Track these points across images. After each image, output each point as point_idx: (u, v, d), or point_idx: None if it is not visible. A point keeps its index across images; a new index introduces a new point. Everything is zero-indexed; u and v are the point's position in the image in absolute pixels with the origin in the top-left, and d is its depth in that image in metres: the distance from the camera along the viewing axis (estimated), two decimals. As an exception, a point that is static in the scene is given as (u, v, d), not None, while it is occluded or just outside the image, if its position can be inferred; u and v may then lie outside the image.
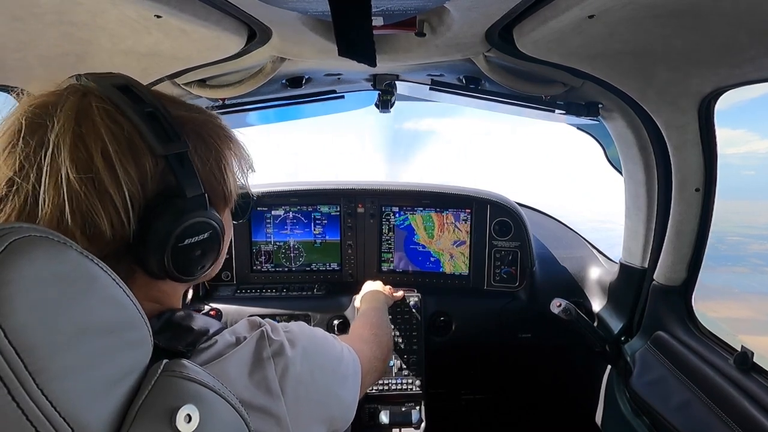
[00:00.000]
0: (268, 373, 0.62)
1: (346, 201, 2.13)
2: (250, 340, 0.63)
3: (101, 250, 0.54)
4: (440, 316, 2.00)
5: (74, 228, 0.52)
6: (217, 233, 0.63)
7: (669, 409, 1.31)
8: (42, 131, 0.52)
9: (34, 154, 0.51)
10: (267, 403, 0.60)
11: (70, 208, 0.51)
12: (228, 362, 0.59)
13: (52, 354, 0.39)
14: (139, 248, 0.56)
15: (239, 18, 0.97)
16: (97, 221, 0.53)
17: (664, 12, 0.84)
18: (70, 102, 0.54)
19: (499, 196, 2.09)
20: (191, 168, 0.59)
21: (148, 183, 0.56)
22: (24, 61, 1.05)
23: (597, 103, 1.46)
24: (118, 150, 0.53)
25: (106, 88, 0.56)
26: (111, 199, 0.53)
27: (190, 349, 0.57)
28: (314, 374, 0.69)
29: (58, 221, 0.51)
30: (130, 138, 0.55)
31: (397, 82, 1.75)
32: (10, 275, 0.38)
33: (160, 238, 0.56)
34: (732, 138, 17.25)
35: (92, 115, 0.54)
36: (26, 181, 0.51)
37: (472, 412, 2.46)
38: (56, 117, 0.52)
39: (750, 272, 8.53)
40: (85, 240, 0.53)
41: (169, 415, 0.45)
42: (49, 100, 0.55)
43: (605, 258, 2.12)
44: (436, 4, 0.87)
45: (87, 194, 0.52)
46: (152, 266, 0.58)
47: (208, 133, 0.64)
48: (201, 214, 0.60)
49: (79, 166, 0.51)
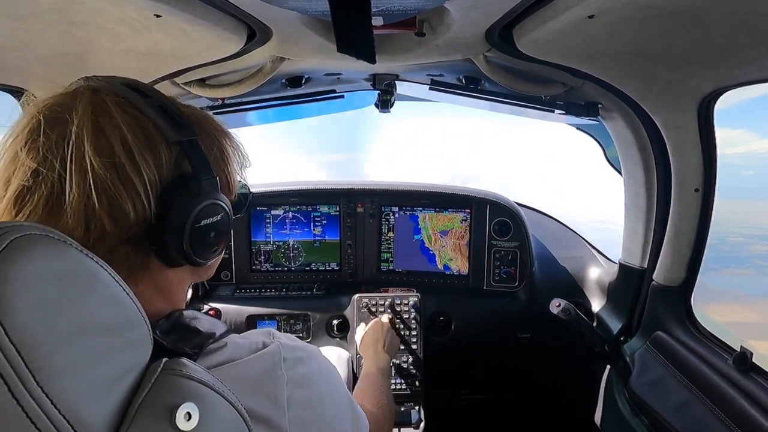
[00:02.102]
0: (278, 387, 0.61)
1: (345, 201, 2.13)
2: (266, 351, 0.64)
3: (126, 232, 0.56)
4: (440, 316, 2.00)
5: (101, 211, 0.54)
6: (228, 216, 0.66)
7: (668, 409, 1.31)
8: (62, 125, 0.55)
9: (56, 146, 0.54)
10: (272, 414, 0.59)
11: (96, 192, 0.53)
12: (240, 368, 0.60)
13: (53, 352, 0.39)
14: (159, 231, 0.58)
15: (239, 18, 0.97)
16: (121, 204, 0.55)
17: (664, 12, 0.84)
18: (86, 98, 0.57)
19: (498, 196, 2.09)
20: (202, 153, 0.62)
21: (164, 169, 0.59)
22: (24, 61, 1.05)
23: (597, 103, 1.46)
24: (135, 139, 0.56)
25: (115, 87, 0.60)
26: (133, 184, 0.56)
27: (197, 351, 0.58)
28: (324, 400, 0.69)
29: (86, 205, 0.53)
30: (145, 128, 0.58)
31: (396, 82, 1.75)
32: (10, 273, 0.38)
33: (180, 219, 0.59)
34: (732, 138, 17.43)
35: (108, 109, 0.57)
36: (51, 170, 0.53)
37: (472, 412, 2.46)
38: (74, 111, 0.55)
39: (754, 274, 8.48)
40: (112, 223, 0.55)
41: (169, 413, 0.45)
42: (63, 99, 0.58)
43: (604, 258, 2.12)
44: (436, 4, 0.87)
45: (111, 179, 0.54)
46: (170, 249, 0.59)
47: (209, 127, 0.68)
48: (214, 196, 0.63)
49: (101, 154, 0.54)
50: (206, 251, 0.65)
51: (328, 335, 1.97)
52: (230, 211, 0.66)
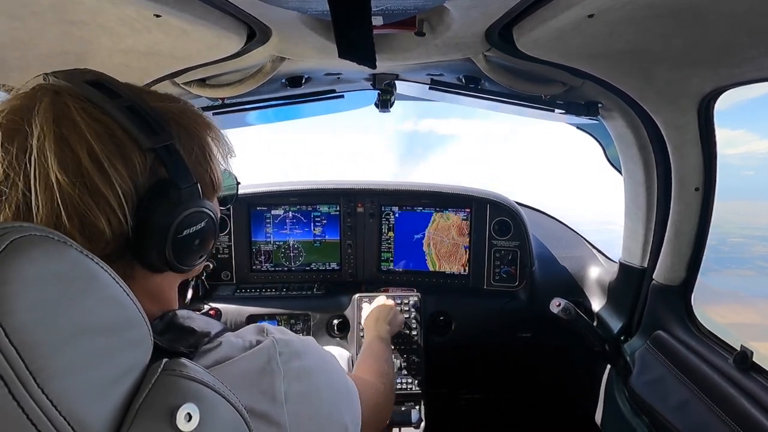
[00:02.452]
0: (275, 382, 0.61)
1: (345, 200, 2.13)
2: (261, 347, 0.63)
3: (102, 249, 0.53)
4: (440, 315, 2.00)
5: (72, 230, 0.51)
6: (213, 222, 0.63)
7: (668, 409, 1.31)
8: (21, 137, 0.50)
9: (17, 162, 0.50)
10: (270, 409, 0.59)
11: (66, 211, 0.50)
12: (235, 366, 0.59)
13: (53, 353, 0.39)
14: (139, 243, 0.56)
15: (239, 17, 0.97)
16: (94, 221, 0.52)
17: (663, 11, 0.84)
18: (45, 104, 0.52)
19: (498, 196, 2.09)
20: (180, 158, 0.58)
21: (139, 178, 0.55)
22: (24, 61, 1.04)
23: (597, 103, 1.46)
24: (104, 149, 0.52)
25: (79, 86, 0.55)
26: (105, 199, 0.52)
27: (193, 350, 0.57)
28: (322, 393, 0.68)
29: (56, 225, 0.50)
30: (114, 135, 0.53)
31: (396, 82, 1.75)
32: (10, 274, 0.38)
33: (160, 232, 0.56)
34: (731, 138, 17.46)
35: (71, 115, 0.52)
36: (14, 189, 0.50)
37: (472, 412, 2.46)
38: (33, 121, 0.50)
39: (756, 275, 8.46)
40: (85, 241, 0.52)
41: (170, 414, 0.45)
42: (21, 103, 0.53)
43: (605, 257, 2.12)
44: (436, 4, 0.87)
45: (80, 196, 0.51)
46: (153, 259, 0.57)
47: (188, 122, 0.63)
48: (196, 204, 0.59)
49: (68, 170, 0.50)
50: (191, 258, 0.62)
51: (329, 335, 1.97)
52: (215, 215, 0.64)
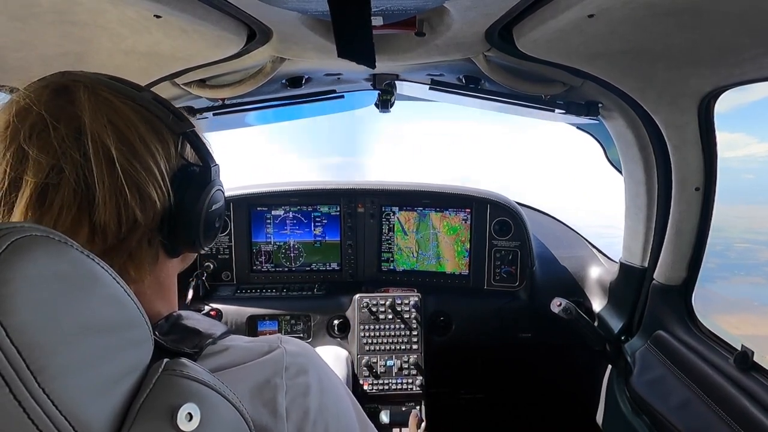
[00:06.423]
0: (277, 396, 0.60)
1: (346, 201, 2.13)
2: (269, 358, 0.63)
3: (153, 221, 0.58)
4: (440, 315, 2.00)
5: (132, 201, 0.55)
6: (226, 202, 0.70)
7: (669, 408, 1.31)
8: (71, 120, 0.54)
9: (73, 140, 0.53)
10: (271, 423, 0.58)
11: (127, 183, 0.55)
12: (241, 374, 0.59)
13: (54, 352, 0.39)
14: (179, 218, 0.60)
15: (239, 18, 0.97)
16: (149, 192, 0.57)
17: (663, 11, 0.84)
18: (82, 92, 0.56)
19: (499, 196, 2.09)
20: (202, 143, 0.65)
21: (173, 159, 0.61)
22: (24, 61, 1.04)
23: (597, 103, 1.46)
24: (147, 130, 0.58)
25: (102, 81, 0.59)
26: (153, 172, 0.58)
27: (197, 351, 0.57)
28: (325, 413, 0.65)
29: (117, 197, 0.54)
30: (151, 120, 0.60)
31: (396, 82, 1.75)
32: (11, 274, 0.38)
33: (196, 206, 0.62)
34: (731, 141, 17.44)
35: (112, 103, 0.57)
36: (73, 165, 0.53)
37: (473, 412, 2.46)
38: (80, 105, 0.55)
39: (766, 283, 8.38)
40: (141, 212, 0.56)
41: (170, 414, 0.45)
42: (54, 91, 0.56)
43: (605, 257, 2.12)
44: (436, 4, 0.87)
45: (135, 169, 0.56)
46: (183, 236, 0.62)
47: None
48: (219, 183, 0.67)
49: (123, 145, 0.55)
50: (212, 236, 0.68)
51: (329, 335, 1.97)
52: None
